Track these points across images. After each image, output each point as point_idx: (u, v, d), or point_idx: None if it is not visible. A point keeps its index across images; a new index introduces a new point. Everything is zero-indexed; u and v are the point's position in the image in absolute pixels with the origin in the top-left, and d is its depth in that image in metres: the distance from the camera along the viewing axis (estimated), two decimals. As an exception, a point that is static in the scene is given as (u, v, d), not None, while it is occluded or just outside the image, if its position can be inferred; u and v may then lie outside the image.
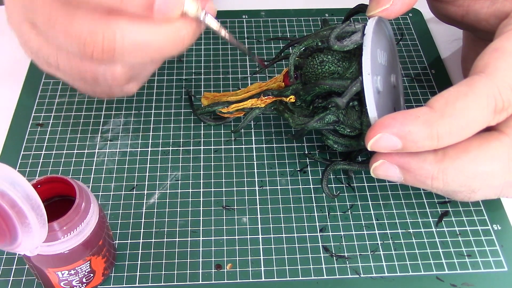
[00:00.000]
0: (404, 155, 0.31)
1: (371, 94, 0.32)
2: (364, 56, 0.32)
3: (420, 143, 0.29)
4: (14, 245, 0.26)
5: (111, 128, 0.42)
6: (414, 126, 0.29)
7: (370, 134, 0.30)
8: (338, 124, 0.35)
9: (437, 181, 0.30)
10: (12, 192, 0.24)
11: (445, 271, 0.34)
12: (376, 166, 0.32)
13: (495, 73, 0.29)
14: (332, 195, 0.37)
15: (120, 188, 0.38)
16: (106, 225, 0.32)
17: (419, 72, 0.47)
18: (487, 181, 0.30)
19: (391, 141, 0.30)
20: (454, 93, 0.29)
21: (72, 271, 0.30)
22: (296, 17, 0.52)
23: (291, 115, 0.37)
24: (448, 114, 0.29)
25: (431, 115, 0.29)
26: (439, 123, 0.29)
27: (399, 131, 0.29)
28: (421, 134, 0.29)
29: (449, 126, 0.29)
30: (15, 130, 0.41)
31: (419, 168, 0.30)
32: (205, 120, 0.42)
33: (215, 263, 0.34)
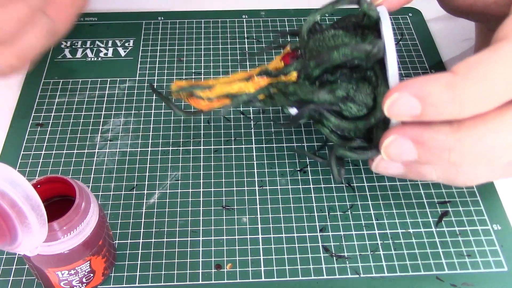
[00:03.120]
0: (417, 127, 0.29)
1: (394, 56, 0.30)
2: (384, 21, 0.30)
3: (440, 107, 0.27)
4: (14, 245, 0.26)
5: (111, 128, 0.42)
6: (435, 87, 0.27)
7: (388, 95, 0.28)
8: (347, 101, 0.32)
9: (454, 153, 0.28)
10: (12, 192, 0.24)
11: (445, 271, 0.34)
12: (388, 143, 0.30)
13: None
14: (340, 177, 0.34)
15: (120, 188, 0.38)
16: (106, 225, 0.32)
17: (419, 72, 0.47)
18: (505, 153, 0.28)
19: (410, 103, 0.27)
20: (477, 58, 0.27)
21: (72, 271, 0.30)
22: (296, 17, 0.52)
23: (299, 85, 0.33)
24: (472, 77, 0.27)
25: (454, 78, 0.27)
26: (462, 86, 0.27)
27: (419, 92, 0.27)
28: (443, 97, 0.27)
29: (473, 90, 0.27)
30: (15, 130, 0.41)
31: (434, 139, 0.28)
32: (174, 109, 0.37)
33: (215, 263, 0.34)
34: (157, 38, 0.49)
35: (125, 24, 0.51)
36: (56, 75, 0.46)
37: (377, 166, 0.33)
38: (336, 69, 0.33)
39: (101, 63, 0.47)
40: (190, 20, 0.51)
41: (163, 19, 0.51)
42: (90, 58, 0.47)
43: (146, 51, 0.48)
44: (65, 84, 0.45)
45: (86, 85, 0.45)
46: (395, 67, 0.30)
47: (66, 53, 0.48)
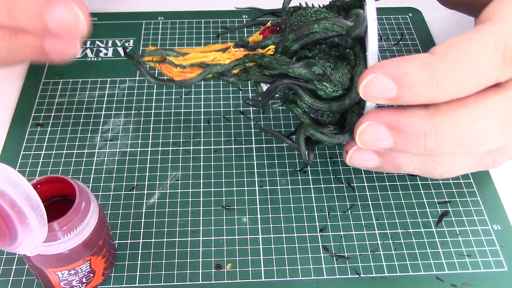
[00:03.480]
0: (393, 112, 0.28)
1: (375, 37, 0.29)
2: (369, 3, 0.30)
3: (417, 88, 0.26)
4: (14, 245, 0.26)
5: (111, 128, 0.42)
6: (412, 68, 0.26)
7: (363, 76, 0.27)
8: (322, 79, 0.31)
9: (430, 138, 0.27)
10: (12, 192, 0.24)
11: (445, 271, 0.34)
12: (362, 129, 0.28)
13: (503, 19, 0.27)
14: (308, 159, 0.34)
15: (120, 188, 0.38)
16: (106, 225, 0.32)
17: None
18: (482, 140, 0.27)
19: (385, 84, 0.26)
20: (458, 39, 0.27)
21: (72, 271, 0.30)
22: (296, 17, 0.52)
23: (274, 56, 0.32)
24: (450, 58, 0.26)
25: (431, 58, 0.26)
26: (439, 67, 0.26)
27: (394, 72, 0.26)
28: (419, 77, 0.26)
29: (451, 72, 0.26)
30: (15, 130, 0.41)
31: (410, 124, 0.27)
32: (144, 72, 0.35)
33: (215, 263, 0.34)
34: (157, 38, 0.49)
35: (125, 24, 0.51)
36: (56, 75, 0.46)
37: (351, 158, 0.32)
38: (315, 45, 0.32)
39: (101, 63, 0.47)
40: (190, 20, 0.51)
41: (163, 19, 0.51)
42: (90, 58, 0.47)
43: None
44: (65, 84, 0.45)
45: (86, 85, 0.45)
46: (375, 47, 0.29)
47: (66, 53, 0.48)
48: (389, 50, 0.49)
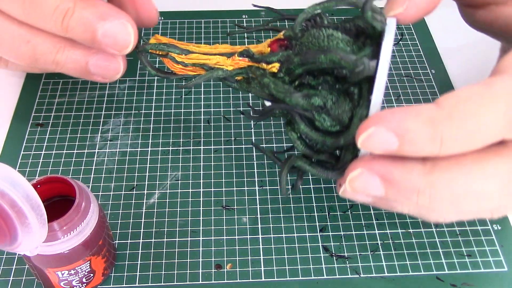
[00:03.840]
0: (388, 163, 0.26)
1: (383, 81, 0.27)
2: (386, 39, 0.28)
3: (419, 144, 0.25)
4: (14, 245, 0.26)
5: (111, 128, 0.42)
6: (415, 123, 0.24)
7: (363, 127, 0.26)
8: (322, 111, 0.30)
9: (424, 196, 0.26)
10: (12, 192, 0.24)
11: (445, 271, 0.34)
12: (353, 176, 0.27)
13: None
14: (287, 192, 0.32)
15: (120, 188, 0.38)
16: (106, 225, 0.32)
17: (419, 72, 0.47)
18: (479, 202, 0.26)
19: (386, 138, 0.25)
20: (467, 92, 0.25)
21: (72, 271, 0.30)
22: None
23: (274, 80, 0.31)
24: (458, 115, 0.24)
25: (437, 113, 0.24)
26: (445, 124, 0.24)
27: (397, 127, 0.25)
28: (422, 134, 0.24)
29: (456, 129, 0.24)
30: (15, 130, 0.41)
31: (405, 179, 0.26)
32: (145, 63, 0.35)
33: (215, 263, 0.34)
34: (157, 38, 0.49)
35: (125, 24, 0.51)
36: (56, 75, 0.46)
37: (344, 192, 0.30)
38: (321, 73, 0.30)
39: (101, 63, 0.47)
40: (190, 20, 0.51)
41: (163, 19, 0.51)
42: (90, 58, 0.47)
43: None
44: (65, 84, 0.45)
45: (86, 85, 0.45)
46: (380, 94, 0.28)
47: (66, 53, 0.48)
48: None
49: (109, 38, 0.32)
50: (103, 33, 0.31)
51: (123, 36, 0.32)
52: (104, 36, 0.32)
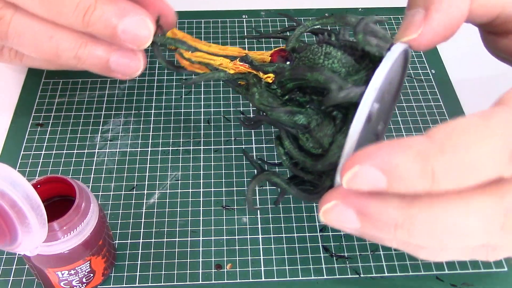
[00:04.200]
0: (364, 197, 0.24)
1: (365, 112, 0.25)
2: (381, 68, 0.26)
3: (409, 181, 0.22)
4: (14, 245, 0.26)
5: (111, 128, 0.42)
6: (404, 158, 0.22)
7: (347, 164, 0.23)
8: (305, 131, 0.29)
9: (402, 230, 0.24)
10: (12, 192, 0.24)
11: (445, 271, 0.34)
12: (327, 208, 0.25)
13: None
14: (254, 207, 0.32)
15: (120, 188, 0.38)
16: (106, 225, 0.32)
17: (419, 72, 0.47)
18: (461, 240, 0.24)
19: (373, 176, 0.22)
20: (462, 124, 0.23)
21: (72, 271, 0.30)
22: (296, 17, 0.52)
23: (260, 91, 0.30)
24: (450, 148, 0.22)
25: (427, 146, 0.22)
26: (436, 158, 0.22)
27: (384, 164, 0.22)
28: (412, 170, 0.22)
29: (449, 164, 0.22)
30: (15, 130, 0.41)
31: (381, 213, 0.24)
32: (158, 55, 0.35)
33: (215, 263, 0.34)
34: (157, 38, 0.49)
35: (125, 24, 0.51)
36: (56, 75, 0.46)
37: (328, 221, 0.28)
38: (313, 92, 0.29)
39: (101, 63, 0.47)
40: (190, 20, 0.51)
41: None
42: (90, 58, 0.47)
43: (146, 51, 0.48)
44: (65, 84, 0.45)
45: (86, 85, 0.45)
46: (359, 125, 0.25)
47: (66, 53, 0.48)
48: (389, 50, 0.49)
49: (128, 34, 0.32)
50: (123, 29, 0.32)
51: (142, 31, 0.32)
52: (124, 32, 0.32)
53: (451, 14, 0.28)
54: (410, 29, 0.28)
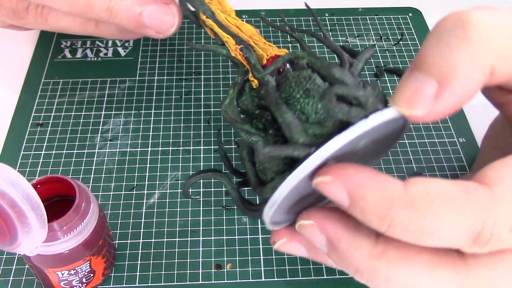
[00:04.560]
0: (339, 229, 0.24)
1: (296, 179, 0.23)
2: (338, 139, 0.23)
3: (367, 217, 0.22)
4: (14, 245, 0.26)
5: (111, 128, 0.42)
6: (373, 196, 0.22)
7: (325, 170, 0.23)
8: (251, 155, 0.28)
9: (360, 276, 0.24)
10: (12, 192, 0.24)
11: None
12: (304, 224, 0.25)
13: (504, 199, 0.22)
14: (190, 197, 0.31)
15: (120, 188, 0.38)
16: (106, 225, 0.32)
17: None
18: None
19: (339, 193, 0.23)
20: (441, 189, 0.22)
21: (72, 271, 0.30)
22: (296, 17, 0.52)
23: (232, 97, 0.29)
24: (418, 207, 0.22)
25: (399, 196, 0.22)
26: (401, 211, 0.22)
27: (353, 190, 0.22)
28: (375, 210, 0.22)
29: (409, 221, 0.22)
30: (15, 130, 0.41)
31: (349, 253, 0.24)
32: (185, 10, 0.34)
33: (215, 263, 0.34)
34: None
35: (125, 24, 0.51)
36: (56, 75, 0.46)
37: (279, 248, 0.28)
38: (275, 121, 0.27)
39: (101, 63, 0.47)
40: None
41: (163, 19, 0.51)
42: (90, 58, 0.47)
43: (146, 51, 0.48)
44: (65, 84, 0.45)
45: (86, 85, 0.45)
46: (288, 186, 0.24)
47: (66, 53, 0.48)
48: (389, 50, 0.49)
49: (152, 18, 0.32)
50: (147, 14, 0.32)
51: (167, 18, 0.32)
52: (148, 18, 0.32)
53: (467, 91, 0.23)
54: (416, 102, 0.23)
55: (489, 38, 0.23)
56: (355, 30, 0.51)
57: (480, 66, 0.23)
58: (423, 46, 0.24)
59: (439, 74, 0.23)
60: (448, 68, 0.23)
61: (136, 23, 0.34)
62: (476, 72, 0.23)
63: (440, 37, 0.24)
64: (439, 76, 0.23)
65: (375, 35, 0.50)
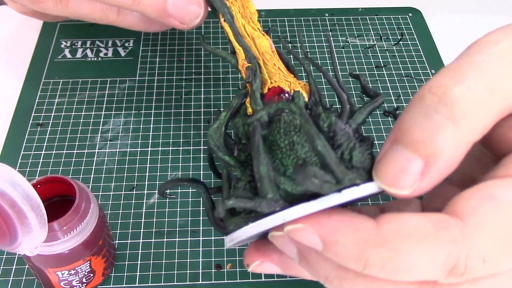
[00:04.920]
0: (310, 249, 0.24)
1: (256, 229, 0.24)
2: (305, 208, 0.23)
3: (343, 259, 0.23)
4: (14, 245, 0.26)
5: (111, 128, 0.42)
6: (346, 239, 0.22)
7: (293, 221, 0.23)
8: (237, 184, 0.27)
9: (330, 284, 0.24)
10: (12, 192, 0.24)
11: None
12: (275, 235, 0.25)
13: (476, 230, 0.22)
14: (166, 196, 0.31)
15: (120, 188, 0.38)
16: (106, 225, 0.32)
17: (419, 72, 0.47)
18: None
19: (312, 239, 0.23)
20: (412, 226, 0.22)
21: (72, 271, 0.30)
22: (296, 17, 0.52)
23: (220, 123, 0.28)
24: (392, 246, 0.22)
25: (371, 236, 0.22)
26: (375, 250, 0.22)
27: (326, 235, 0.22)
28: (349, 252, 0.22)
29: (385, 260, 0.22)
30: (15, 130, 0.41)
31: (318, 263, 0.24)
32: None
33: (215, 263, 0.34)
34: (157, 38, 0.49)
35: (125, 24, 0.51)
36: (56, 75, 0.46)
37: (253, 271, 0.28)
38: None
39: (101, 63, 0.47)
40: (190, 20, 0.51)
41: (163, 19, 0.51)
42: (90, 58, 0.47)
43: (146, 51, 0.48)
44: (65, 84, 0.45)
45: (86, 85, 0.45)
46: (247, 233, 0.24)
47: (66, 53, 0.48)
48: (389, 50, 0.49)
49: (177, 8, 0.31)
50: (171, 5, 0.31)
51: None
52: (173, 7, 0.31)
53: (450, 168, 0.23)
54: (403, 182, 0.23)
55: (473, 115, 0.23)
56: (355, 30, 0.51)
57: (464, 143, 0.23)
58: (407, 116, 0.24)
59: (426, 152, 0.23)
60: (434, 148, 0.23)
61: (160, 12, 0.33)
62: (460, 149, 0.23)
63: (425, 112, 0.23)
64: (425, 155, 0.23)
65: (375, 35, 0.50)
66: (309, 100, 0.28)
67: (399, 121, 0.24)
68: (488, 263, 0.22)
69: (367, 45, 0.49)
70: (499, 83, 0.23)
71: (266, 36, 0.31)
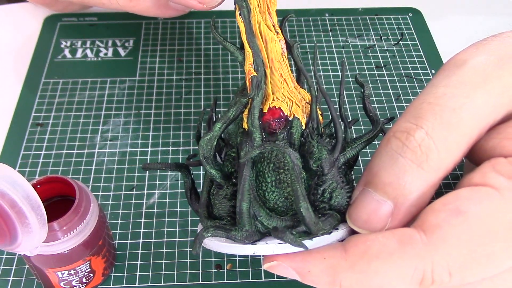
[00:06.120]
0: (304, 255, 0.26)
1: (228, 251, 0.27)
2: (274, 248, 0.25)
3: (318, 284, 0.25)
4: (14, 245, 0.26)
5: (111, 128, 0.42)
6: (317, 268, 0.24)
7: (268, 257, 0.26)
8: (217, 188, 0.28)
9: None
10: (12, 192, 0.24)
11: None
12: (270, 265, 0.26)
13: (440, 244, 0.23)
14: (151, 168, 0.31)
15: (120, 188, 0.38)
16: (106, 225, 0.32)
17: (419, 72, 0.47)
18: None
19: (289, 273, 0.25)
20: (377, 246, 0.23)
21: (72, 271, 0.30)
22: (296, 17, 0.52)
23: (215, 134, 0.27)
24: (360, 269, 0.23)
25: (339, 262, 0.24)
26: (345, 275, 0.23)
27: (298, 267, 0.25)
28: (322, 279, 0.24)
29: (355, 282, 0.23)
30: (15, 130, 0.41)
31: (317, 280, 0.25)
32: None
33: (215, 263, 0.34)
34: (157, 38, 0.49)
35: (125, 24, 0.51)
36: (56, 75, 0.46)
37: None
38: None
39: (101, 63, 0.47)
40: (190, 20, 0.51)
41: (163, 19, 0.51)
42: (90, 58, 0.47)
43: (146, 51, 0.48)
44: (65, 84, 0.45)
45: (86, 85, 0.45)
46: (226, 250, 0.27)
47: (66, 53, 0.48)
48: (389, 50, 0.49)
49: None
50: None
51: None
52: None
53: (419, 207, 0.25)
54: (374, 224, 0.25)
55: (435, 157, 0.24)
56: (355, 30, 0.51)
57: (430, 183, 0.25)
58: (376, 160, 0.25)
59: (394, 195, 0.24)
60: (401, 190, 0.24)
61: None
62: (427, 189, 0.25)
63: (391, 156, 0.25)
64: (394, 197, 0.24)
65: (375, 35, 0.50)
66: (307, 127, 0.27)
67: (369, 165, 0.26)
68: (455, 276, 0.23)
69: (367, 45, 0.49)
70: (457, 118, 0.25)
71: (280, 36, 0.30)
